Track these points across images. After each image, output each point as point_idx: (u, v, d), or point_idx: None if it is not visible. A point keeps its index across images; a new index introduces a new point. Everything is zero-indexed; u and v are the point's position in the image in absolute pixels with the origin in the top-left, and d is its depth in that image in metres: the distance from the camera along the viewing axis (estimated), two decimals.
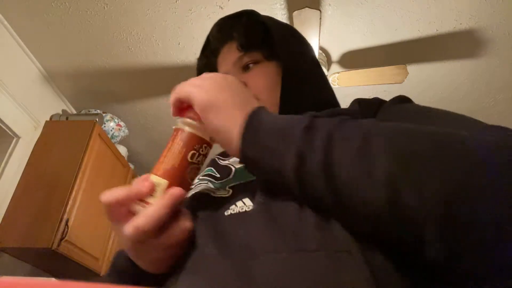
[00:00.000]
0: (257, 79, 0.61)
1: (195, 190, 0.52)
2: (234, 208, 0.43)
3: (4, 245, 1.80)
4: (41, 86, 2.22)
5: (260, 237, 0.36)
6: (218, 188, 0.50)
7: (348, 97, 2.37)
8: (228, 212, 0.43)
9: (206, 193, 0.50)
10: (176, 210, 0.39)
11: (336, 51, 2.04)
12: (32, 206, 1.86)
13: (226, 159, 0.60)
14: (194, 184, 0.53)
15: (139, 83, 2.27)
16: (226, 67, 0.65)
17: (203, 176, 0.56)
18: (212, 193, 0.49)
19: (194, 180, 0.43)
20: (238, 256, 0.35)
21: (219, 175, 0.56)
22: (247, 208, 0.42)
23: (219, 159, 0.62)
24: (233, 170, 0.55)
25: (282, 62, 0.61)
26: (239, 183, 0.49)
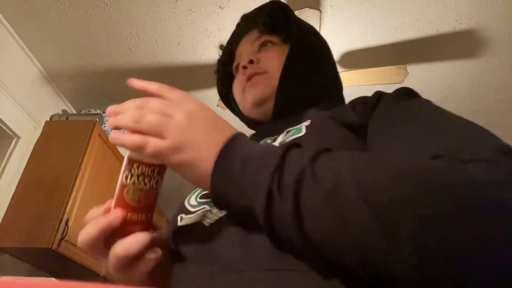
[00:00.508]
0: (271, 55, 0.66)
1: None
2: (211, 217, 0.44)
3: (4, 245, 1.80)
4: (41, 86, 2.22)
5: (231, 253, 0.37)
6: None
7: (348, 97, 2.37)
8: (207, 221, 0.44)
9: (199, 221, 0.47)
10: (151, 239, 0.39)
11: (336, 51, 2.04)
12: (32, 206, 1.86)
13: None
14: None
15: None
16: (244, 46, 0.71)
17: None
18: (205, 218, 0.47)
19: (141, 202, 0.40)
20: (212, 269, 0.37)
21: None
22: (221, 214, 0.43)
23: None
24: None
25: (292, 41, 0.66)
26: None
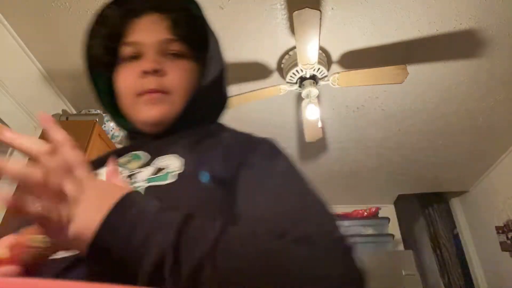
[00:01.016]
0: (180, 75, 0.59)
1: None
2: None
3: None
4: (41, 86, 2.22)
5: None
6: None
7: (348, 97, 2.38)
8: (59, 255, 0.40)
9: None
10: None
11: (336, 51, 2.04)
12: None
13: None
14: None
15: None
16: (148, 36, 0.61)
17: None
18: None
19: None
20: None
21: None
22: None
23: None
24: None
25: (206, 70, 0.60)
26: None
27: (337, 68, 2.12)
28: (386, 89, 2.30)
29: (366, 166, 3.17)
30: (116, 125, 0.71)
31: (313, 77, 2.03)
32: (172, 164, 0.50)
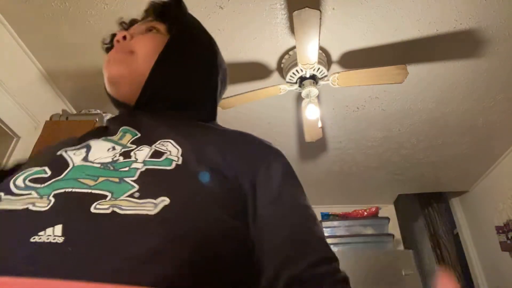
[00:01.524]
0: (147, 39, 0.63)
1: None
2: (42, 235, 0.34)
3: None
4: (41, 86, 2.22)
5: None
6: (40, 197, 0.39)
7: (348, 97, 2.38)
8: (34, 238, 0.33)
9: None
10: None
11: (336, 51, 2.04)
12: None
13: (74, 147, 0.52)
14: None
15: None
16: (134, 26, 0.70)
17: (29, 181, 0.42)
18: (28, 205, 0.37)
19: None
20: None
21: (48, 173, 0.44)
22: (53, 240, 0.33)
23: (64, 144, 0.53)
24: (71, 166, 0.45)
25: (172, 36, 0.63)
26: (63, 192, 0.39)
27: (337, 68, 2.12)
28: (386, 89, 2.30)
29: (366, 166, 3.17)
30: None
31: (313, 77, 2.03)
32: (170, 151, 0.49)
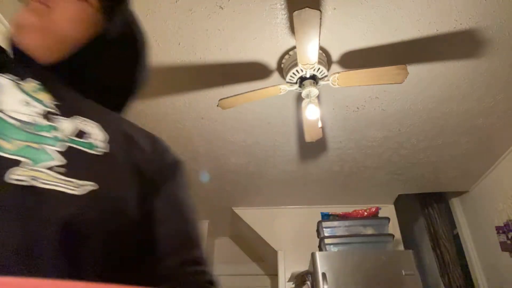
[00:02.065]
0: (71, 5, 0.56)
1: None
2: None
3: None
4: None
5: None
6: None
7: (348, 97, 2.38)
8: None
9: None
10: None
11: (336, 51, 2.04)
12: None
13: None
14: None
15: None
16: None
17: None
18: None
19: None
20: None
21: None
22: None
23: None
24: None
25: (111, 25, 0.59)
26: None
27: (337, 68, 2.12)
28: (386, 89, 2.30)
29: (366, 166, 3.17)
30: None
31: (313, 77, 2.03)
32: (95, 135, 0.48)
